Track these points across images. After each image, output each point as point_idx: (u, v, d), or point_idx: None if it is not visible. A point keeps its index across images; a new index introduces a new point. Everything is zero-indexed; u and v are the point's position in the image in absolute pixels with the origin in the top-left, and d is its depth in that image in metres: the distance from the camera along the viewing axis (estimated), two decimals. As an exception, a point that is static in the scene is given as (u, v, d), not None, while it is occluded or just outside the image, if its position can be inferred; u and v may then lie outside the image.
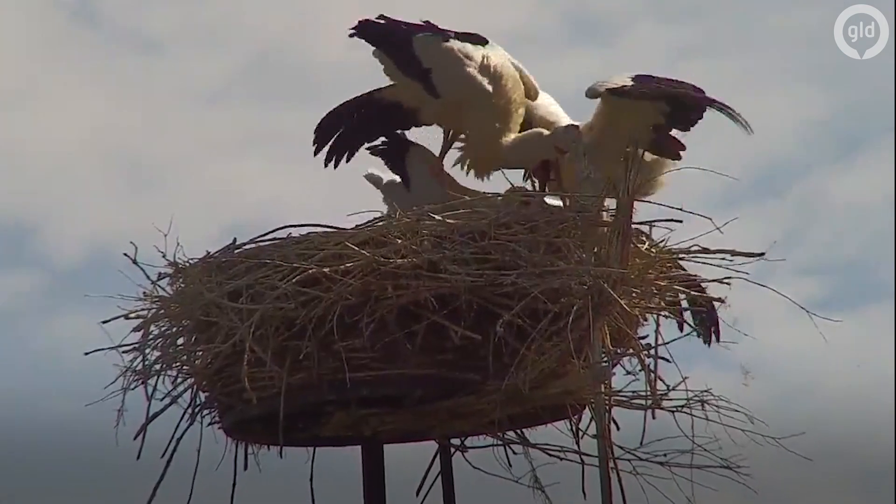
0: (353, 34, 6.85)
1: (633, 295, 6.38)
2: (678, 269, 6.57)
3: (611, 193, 6.29)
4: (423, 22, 6.85)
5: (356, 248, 6.19)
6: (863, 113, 13.79)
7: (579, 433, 6.59)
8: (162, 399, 6.62)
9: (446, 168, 7.08)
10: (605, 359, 6.29)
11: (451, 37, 6.84)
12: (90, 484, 8.38)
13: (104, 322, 6.67)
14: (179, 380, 6.67)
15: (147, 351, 6.65)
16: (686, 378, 6.26)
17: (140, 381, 6.59)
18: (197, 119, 13.95)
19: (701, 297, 6.59)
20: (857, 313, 11.88)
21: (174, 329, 6.70)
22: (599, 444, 6.30)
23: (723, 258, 6.34)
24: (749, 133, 6.59)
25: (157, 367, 6.64)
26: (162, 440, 6.57)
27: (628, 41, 14.01)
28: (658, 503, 6.34)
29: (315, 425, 6.47)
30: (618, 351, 6.40)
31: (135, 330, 6.70)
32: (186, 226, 6.73)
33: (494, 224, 6.23)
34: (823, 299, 9.95)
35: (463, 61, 6.81)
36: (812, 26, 12.81)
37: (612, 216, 6.28)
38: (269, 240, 6.49)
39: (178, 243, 6.58)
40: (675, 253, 6.45)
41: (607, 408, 6.32)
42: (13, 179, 13.71)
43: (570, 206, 6.48)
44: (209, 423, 6.70)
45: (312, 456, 6.96)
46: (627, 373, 6.43)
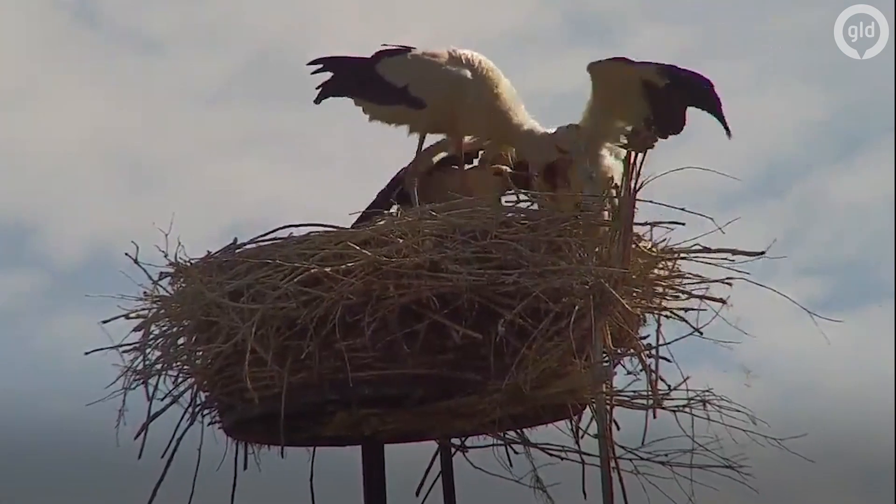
0: (319, 99, 6.89)
1: (635, 295, 6.39)
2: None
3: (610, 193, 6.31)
4: (379, 50, 6.88)
5: (357, 247, 6.19)
6: (863, 113, 13.80)
7: (580, 433, 6.59)
8: (162, 399, 6.63)
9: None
10: (607, 358, 6.29)
11: (410, 49, 6.87)
12: (90, 484, 8.37)
13: (104, 322, 6.67)
14: (180, 380, 6.68)
15: (148, 351, 6.65)
16: (687, 378, 6.28)
17: (141, 381, 6.59)
18: (197, 119, 13.95)
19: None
20: (858, 314, 11.88)
21: (175, 329, 6.70)
22: (601, 444, 6.30)
23: (724, 258, 6.35)
24: (728, 136, 6.59)
25: (158, 366, 6.64)
26: (162, 440, 6.58)
27: (629, 42, 14.00)
28: (659, 503, 6.35)
29: (316, 425, 6.46)
30: (619, 351, 6.39)
31: (135, 330, 6.70)
32: (187, 225, 6.73)
33: (496, 223, 6.24)
34: (824, 300, 9.95)
35: (433, 63, 6.85)
36: (812, 26, 12.81)
37: (613, 216, 6.28)
38: (270, 239, 6.49)
39: (179, 243, 6.59)
40: (677, 252, 6.45)
41: (608, 407, 6.32)
42: (13, 179, 13.71)
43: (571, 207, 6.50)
44: (209, 423, 6.69)
45: (312, 456, 6.96)
46: (628, 373, 6.44)
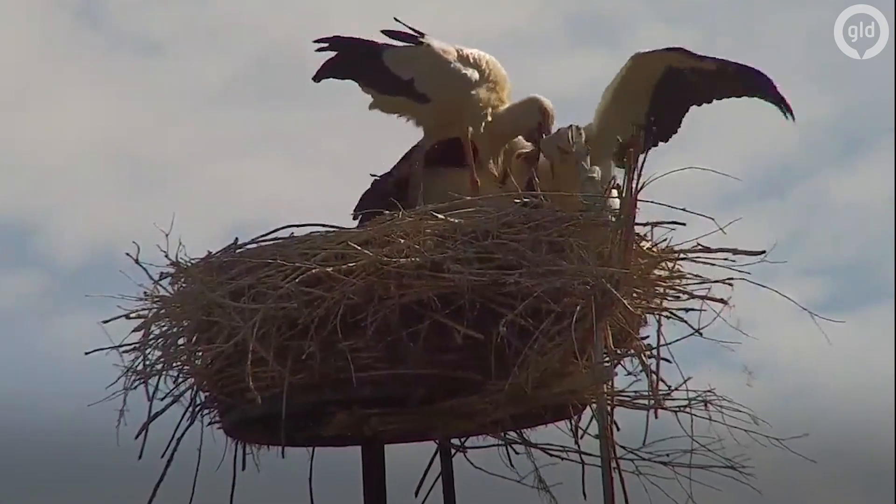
0: (319, 77, 6.87)
1: (636, 295, 6.39)
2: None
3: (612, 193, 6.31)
4: (387, 33, 6.86)
5: (359, 247, 6.19)
6: (864, 114, 13.81)
7: (581, 433, 6.59)
8: (163, 399, 6.62)
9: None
10: (608, 359, 6.28)
11: (419, 39, 6.85)
12: (90, 484, 8.38)
13: (105, 322, 6.66)
14: (180, 380, 6.67)
15: (148, 351, 6.64)
16: (688, 378, 6.27)
17: (141, 381, 6.58)
18: (199, 120, 13.96)
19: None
20: (859, 314, 11.90)
21: (175, 329, 6.69)
22: (601, 444, 6.29)
23: (725, 258, 6.35)
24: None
25: (158, 367, 6.63)
26: (162, 440, 6.57)
27: (631, 42, 14.04)
28: (660, 503, 6.35)
29: (316, 425, 6.45)
30: (620, 351, 6.39)
31: (136, 330, 6.69)
32: (188, 226, 6.73)
33: (497, 223, 6.24)
34: (825, 300, 9.95)
35: (440, 59, 6.84)
36: (812, 26, 12.81)
37: (614, 216, 6.28)
38: (272, 239, 6.49)
39: (180, 243, 6.58)
40: (677, 252, 6.45)
41: (609, 408, 6.32)
42: (15, 180, 13.73)
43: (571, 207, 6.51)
44: (209, 423, 6.69)
45: (312, 456, 6.95)
46: (629, 373, 6.44)
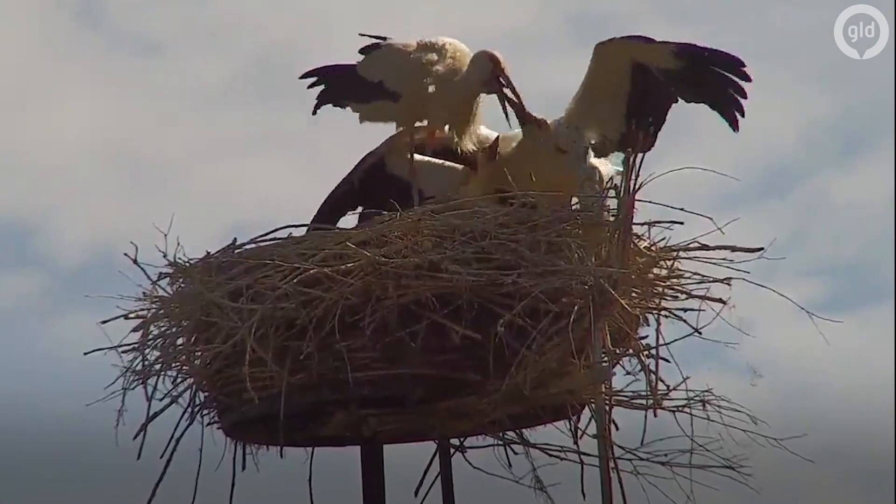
0: (315, 110, 6.97)
1: (634, 295, 6.39)
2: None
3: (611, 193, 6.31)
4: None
5: (357, 247, 6.19)
6: (864, 114, 13.80)
7: (579, 433, 6.59)
8: (162, 399, 6.63)
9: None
10: (606, 359, 6.28)
11: (382, 40, 6.90)
12: (90, 484, 8.38)
13: (104, 322, 6.67)
14: (179, 380, 6.67)
15: (147, 351, 6.64)
16: (687, 378, 6.27)
17: (140, 382, 6.58)
18: (198, 120, 13.97)
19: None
20: (860, 315, 11.89)
21: (174, 329, 6.69)
22: (600, 444, 6.30)
23: (724, 258, 6.34)
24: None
25: (157, 367, 6.63)
26: (162, 440, 6.57)
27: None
28: (658, 503, 6.35)
29: (315, 425, 6.45)
30: (618, 351, 6.39)
31: (134, 330, 6.69)
32: (188, 226, 6.74)
33: (495, 223, 6.24)
34: (826, 301, 9.95)
35: (401, 53, 6.88)
36: (812, 26, 12.81)
37: (612, 216, 6.28)
38: (270, 240, 6.49)
39: (178, 243, 6.59)
40: (676, 250, 6.45)
41: (608, 408, 6.31)
42: (16, 180, 13.73)
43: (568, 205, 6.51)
44: (208, 424, 6.69)
45: (311, 456, 6.95)
46: (628, 373, 6.44)
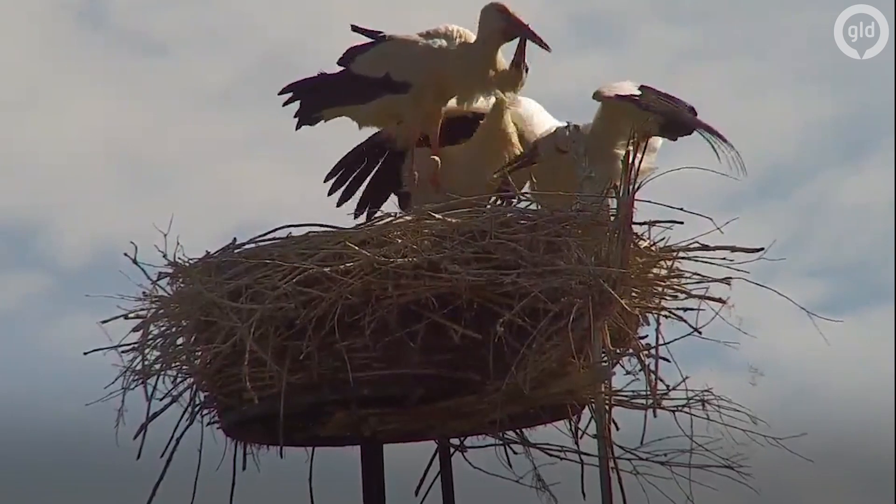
0: (299, 126, 6.96)
1: (634, 294, 6.38)
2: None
3: (611, 193, 6.30)
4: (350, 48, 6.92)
5: (356, 247, 6.19)
6: (865, 115, 13.81)
7: (579, 433, 6.59)
8: (162, 399, 6.62)
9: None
10: (606, 358, 6.28)
11: (381, 35, 6.89)
12: (90, 484, 8.38)
13: (104, 322, 6.67)
14: (179, 380, 6.66)
15: (147, 351, 6.64)
16: (686, 378, 6.27)
17: (140, 381, 6.58)
18: (202, 121, 13.98)
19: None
20: (860, 315, 11.89)
21: (174, 329, 6.69)
22: (600, 444, 6.29)
23: (723, 257, 6.34)
24: (735, 170, 6.57)
25: (157, 366, 6.62)
26: (162, 440, 6.57)
27: (634, 43, 14.03)
28: (658, 503, 6.35)
29: (315, 425, 6.46)
30: (618, 351, 6.39)
31: (134, 330, 6.69)
32: (191, 227, 6.74)
33: (495, 223, 6.24)
34: (826, 301, 9.94)
35: (408, 43, 6.87)
36: (812, 26, 12.82)
37: (612, 216, 6.27)
38: (269, 239, 6.49)
39: (178, 243, 6.58)
40: (675, 250, 6.44)
41: (607, 407, 6.31)
42: (19, 180, 13.76)
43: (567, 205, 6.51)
44: (209, 423, 6.69)
45: (311, 456, 6.95)
46: (627, 372, 6.43)
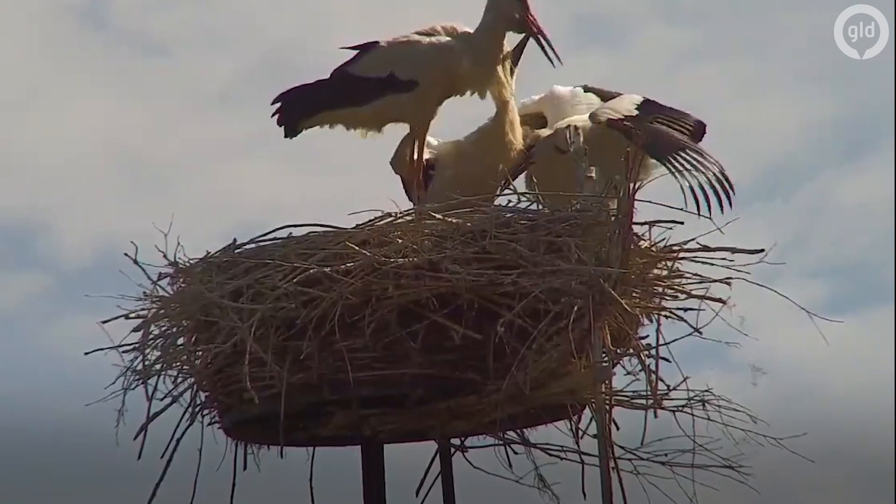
0: (290, 133, 6.90)
1: (634, 295, 6.38)
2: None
3: (611, 193, 6.30)
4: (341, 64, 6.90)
5: (357, 247, 6.19)
6: (864, 114, 13.82)
7: (580, 433, 6.59)
8: (162, 399, 6.62)
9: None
10: (606, 359, 6.28)
11: (375, 42, 6.88)
12: (90, 484, 8.38)
13: (104, 322, 6.66)
14: (179, 380, 6.66)
15: (147, 351, 6.63)
16: (687, 378, 6.27)
17: (140, 382, 6.57)
18: (203, 121, 14.00)
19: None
20: (861, 316, 11.90)
21: (174, 329, 6.69)
22: (600, 444, 6.29)
23: (724, 257, 6.34)
24: (701, 213, 6.53)
25: (158, 367, 6.62)
26: (162, 440, 6.57)
27: (635, 43, 14.05)
28: (659, 503, 6.35)
29: (315, 425, 6.46)
30: (618, 351, 6.39)
31: (135, 330, 6.69)
32: (191, 227, 6.74)
33: (495, 223, 6.24)
34: (827, 302, 9.96)
35: (412, 42, 6.85)
36: (812, 26, 12.83)
37: (612, 216, 6.27)
38: (270, 239, 6.49)
39: (179, 243, 6.59)
40: (676, 251, 6.44)
41: (608, 408, 6.31)
42: (21, 181, 13.77)
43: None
44: (209, 423, 6.69)
45: (312, 456, 6.96)
46: (628, 373, 6.44)
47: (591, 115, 6.94)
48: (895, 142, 10.45)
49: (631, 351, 6.42)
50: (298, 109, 6.91)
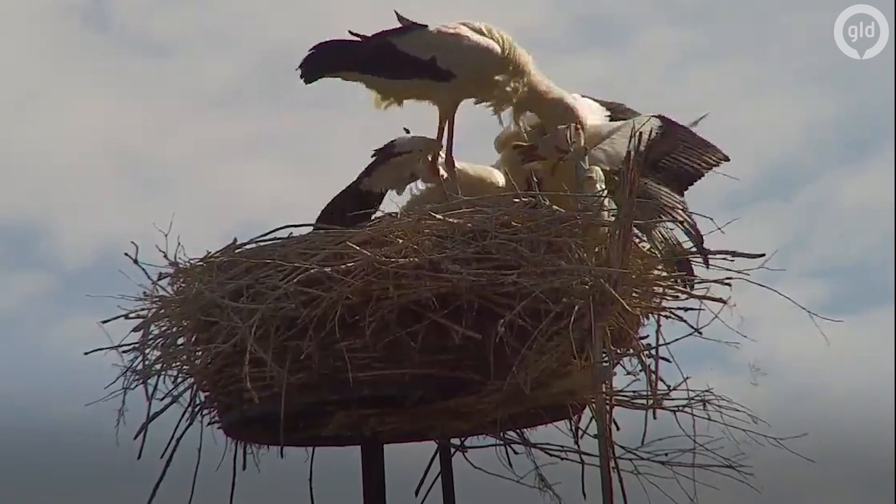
0: (310, 77, 6.83)
1: (634, 295, 6.38)
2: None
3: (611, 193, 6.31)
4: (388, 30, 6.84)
5: (357, 247, 6.18)
6: (864, 115, 13.83)
7: (580, 433, 6.59)
8: (162, 399, 6.62)
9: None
10: (607, 359, 6.28)
11: (423, 25, 6.85)
12: (90, 484, 8.37)
13: (104, 322, 6.66)
14: (179, 379, 6.66)
15: (147, 351, 6.64)
16: (687, 378, 6.28)
17: (140, 381, 6.57)
18: (204, 122, 14.01)
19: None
20: (861, 316, 11.90)
21: (174, 329, 6.69)
22: (600, 444, 6.28)
23: (724, 258, 6.34)
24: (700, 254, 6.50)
25: (158, 366, 6.62)
26: (162, 440, 6.57)
27: (636, 44, 14.07)
28: (659, 503, 6.34)
29: (315, 425, 6.46)
30: (619, 351, 6.39)
31: (135, 330, 6.69)
32: (192, 227, 6.74)
33: (496, 223, 6.23)
34: (827, 302, 9.95)
35: (459, 34, 6.83)
36: (812, 26, 12.84)
37: (612, 216, 6.27)
38: (270, 240, 6.49)
39: (179, 243, 6.58)
40: (676, 252, 6.44)
41: (608, 407, 6.31)
42: (23, 182, 13.78)
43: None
44: (209, 423, 6.69)
45: (311, 456, 6.96)
46: (628, 373, 6.44)
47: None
48: (895, 143, 10.44)
49: (631, 351, 6.43)
50: (329, 61, 6.85)
